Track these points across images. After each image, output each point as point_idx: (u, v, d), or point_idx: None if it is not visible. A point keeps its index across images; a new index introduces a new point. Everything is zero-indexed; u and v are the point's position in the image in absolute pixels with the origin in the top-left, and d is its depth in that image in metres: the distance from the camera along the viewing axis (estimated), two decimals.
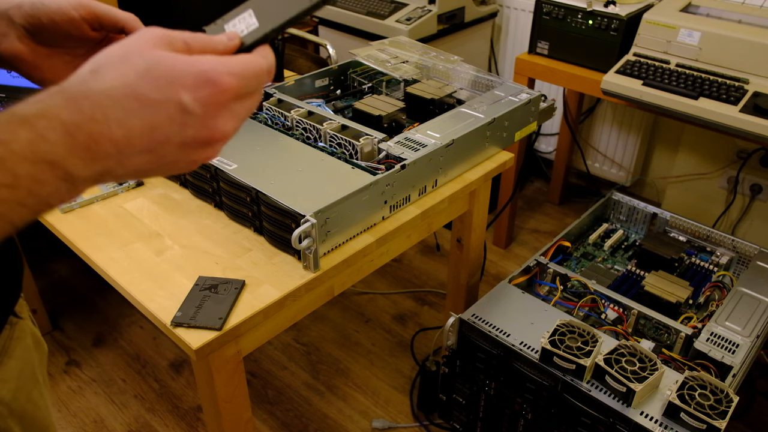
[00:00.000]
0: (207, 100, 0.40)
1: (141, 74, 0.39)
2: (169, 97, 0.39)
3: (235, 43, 0.46)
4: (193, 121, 0.40)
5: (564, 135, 2.54)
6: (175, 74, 0.40)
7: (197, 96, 0.40)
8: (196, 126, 0.41)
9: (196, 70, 0.40)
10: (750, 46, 1.63)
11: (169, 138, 0.40)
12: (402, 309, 2.15)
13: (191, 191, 1.23)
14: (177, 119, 0.40)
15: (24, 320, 0.74)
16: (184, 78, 0.40)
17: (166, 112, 0.39)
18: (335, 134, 1.21)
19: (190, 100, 0.40)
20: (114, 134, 0.38)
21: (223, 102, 0.41)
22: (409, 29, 2.15)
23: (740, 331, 1.33)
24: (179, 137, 0.41)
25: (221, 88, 0.41)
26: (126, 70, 0.39)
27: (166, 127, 0.40)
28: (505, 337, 1.32)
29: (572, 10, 1.89)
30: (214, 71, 0.40)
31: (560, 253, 1.66)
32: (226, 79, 0.41)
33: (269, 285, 1.01)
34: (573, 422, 1.25)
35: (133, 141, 0.39)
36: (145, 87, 0.39)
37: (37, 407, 0.76)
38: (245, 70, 0.42)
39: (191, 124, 0.40)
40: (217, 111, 0.41)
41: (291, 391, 1.85)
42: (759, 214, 2.19)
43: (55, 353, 1.96)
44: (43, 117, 0.37)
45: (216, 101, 0.41)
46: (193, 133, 0.41)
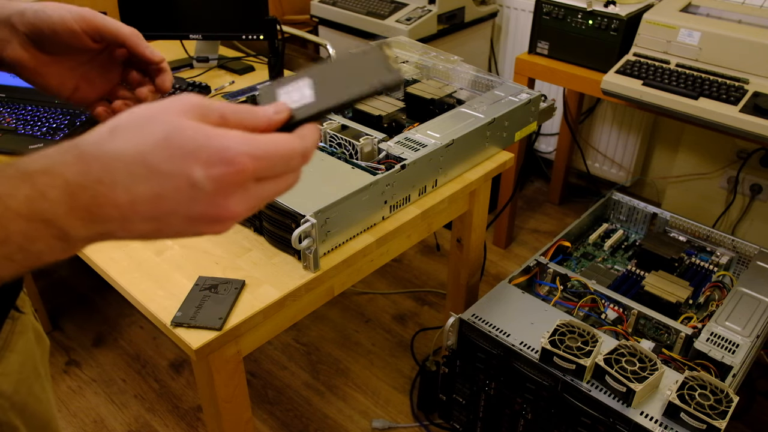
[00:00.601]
0: (219, 179, 0.38)
1: (157, 142, 0.38)
2: (181, 169, 0.37)
3: (282, 117, 0.43)
4: (202, 197, 0.38)
5: (564, 135, 2.54)
6: (192, 147, 0.38)
7: (210, 173, 0.38)
8: (204, 202, 0.38)
9: (215, 145, 0.38)
10: (750, 46, 1.63)
11: (176, 210, 0.39)
12: (402, 309, 2.15)
13: None
14: (185, 193, 0.38)
15: (26, 315, 0.75)
16: (199, 152, 0.38)
17: (174, 183, 0.38)
18: (335, 134, 1.21)
19: (202, 176, 0.37)
20: (118, 199, 0.37)
21: (237, 182, 0.39)
22: (409, 29, 2.15)
23: (740, 331, 1.33)
24: (186, 211, 0.39)
25: (236, 168, 0.38)
26: (143, 135, 0.38)
27: (173, 198, 0.38)
28: (505, 337, 1.32)
29: (572, 10, 1.89)
30: (232, 150, 0.38)
31: (560, 253, 1.66)
32: (243, 159, 0.38)
33: (269, 285, 1.01)
34: (573, 422, 1.25)
35: (137, 208, 0.38)
36: (157, 156, 0.37)
37: (39, 401, 0.76)
38: (270, 152, 0.40)
39: (200, 199, 0.38)
40: (229, 191, 0.39)
41: (291, 391, 1.85)
42: (759, 214, 2.19)
43: (55, 353, 1.96)
44: (47, 174, 0.36)
45: (230, 181, 0.38)
46: (201, 209, 0.39)
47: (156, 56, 0.58)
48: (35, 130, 1.42)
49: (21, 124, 1.44)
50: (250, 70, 1.86)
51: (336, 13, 2.36)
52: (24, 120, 1.46)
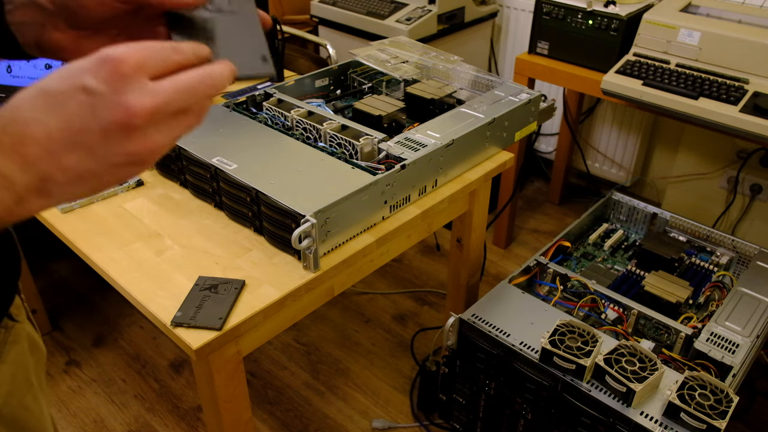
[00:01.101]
0: (109, 76, 0.40)
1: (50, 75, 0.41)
2: (72, 84, 0.40)
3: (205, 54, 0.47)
4: (102, 101, 0.40)
5: (564, 135, 2.54)
6: (77, 65, 0.40)
7: (99, 75, 0.40)
8: (106, 105, 0.40)
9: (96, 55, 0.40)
10: (750, 46, 1.63)
11: (87, 125, 0.40)
12: (402, 309, 2.15)
13: (191, 191, 1.23)
14: (86, 102, 0.40)
15: (20, 323, 0.73)
16: (83, 64, 0.40)
17: (74, 99, 0.40)
18: (335, 134, 1.21)
19: (93, 81, 0.39)
20: (34, 132, 0.39)
21: (126, 74, 0.40)
22: (409, 29, 2.15)
23: (740, 331, 1.33)
24: (96, 122, 0.40)
25: (118, 60, 0.40)
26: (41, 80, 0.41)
27: (79, 113, 0.40)
28: (505, 337, 1.32)
29: (572, 10, 1.89)
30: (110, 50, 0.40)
31: (560, 253, 1.66)
32: (121, 51, 0.40)
33: (269, 285, 1.01)
34: (573, 422, 1.25)
35: (54, 135, 0.39)
36: (51, 83, 0.40)
37: (30, 413, 0.74)
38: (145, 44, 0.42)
39: (101, 104, 0.40)
40: (123, 85, 0.40)
41: (291, 391, 1.85)
42: (759, 214, 2.19)
43: (55, 353, 1.96)
44: None
45: (117, 74, 0.40)
46: (107, 114, 0.40)
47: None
48: None
49: None
50: None
51: (336, 13, 2.36)
52: None
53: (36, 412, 0.75)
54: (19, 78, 1.57)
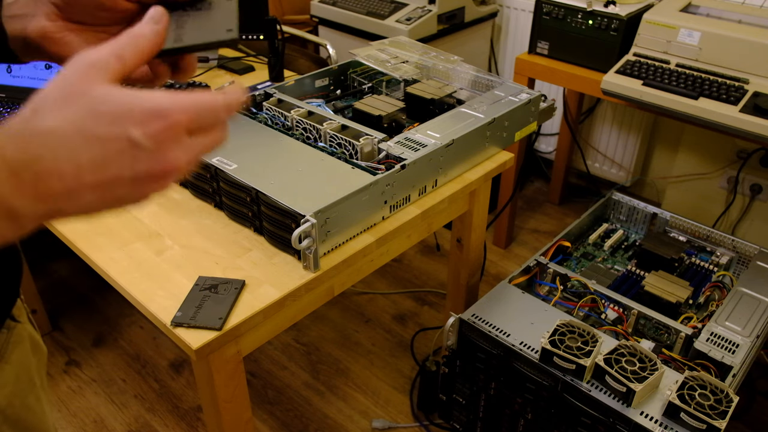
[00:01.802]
0: (158, 134, 0.39)
1: (87, 113, 0.38)
2: (118, 131, 0.38)
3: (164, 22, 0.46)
4: (145, 156, 0.39)
5: (564, 135, 2.54)
6: (123, 110, 0.39)
7: (147, 131, 0.39)
8: (147, 160, 0.39)
9: (146, 104, 0.39)
10: (750, 46, 1.63)
11: (121, 174, 0.39)
12: (402, 309, 2.15)
13: (191, 191, 1.23)
14: (128, 153, 0.39)
15: (22, 324, 0.73)
16: (131, 113, 0.39)
17: (115, 146, 0.38)
18: (335, 134, 1.21)
19: (140, 135, 0.39)
20: (63, 171, 0.38)
21: (173, 136, 0.40)
22: (409, 29, 2.15)
23: (740, 331, 1.33)
24: (131, 172, 0.39)
25: (171, 121, 0.40)
26: (70, 110, 0.38)
27: (117, 161, 0.39)
28: (505, 337, 1.32)
29: (572, 10, 1.89)
30: (162, 105, 0.39)
31: (560, 253, 1.66)
32: (175, 112, 0.40)
33: (269, 285, 1.01)
34: (573, 422, 1.25)
35: (83, 178, 0.38)
36: (92, 123, 0.38)
37: (33, 413, 0.75)
38: (197, 105, 0.41)
39: (143, 158, 0.39)
40: (168, 144, 0.40)
41: (291, 391, 1.85)
42: (759, 214, 2.19)
43: (55, 353, 1.96)
44: None
45: (167, 135, 0.40)
46: (145, 167, 0.40)
47: None
48: None
49: None
50: (250, 70, 1.86)
51: (336, 13, 2.36)
52: None
53: (39, 412, 0.76)
54: (19, 78, 1.57)
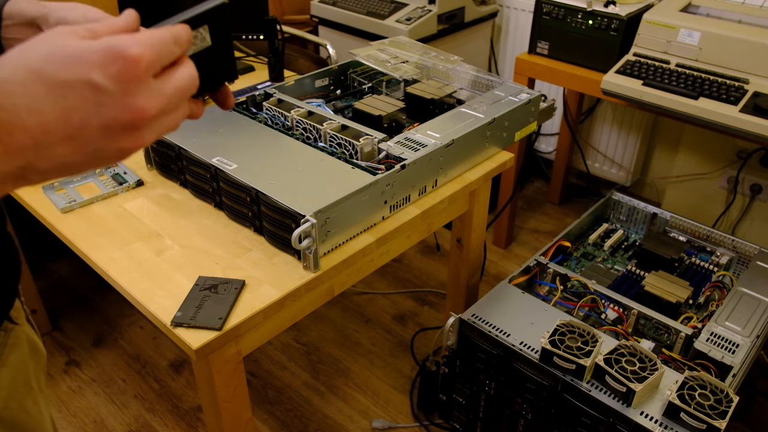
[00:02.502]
0: (120, 75, 0.38)
1: (44, 58, 0.37)
2: (78, 76, 0.37)
3: (134, 16, 0.44)
4: (110, 100, 0.38)
5: (564, 135, 2.54)
6: (81, 53, 0.37)
7: (108, 72, 0.37)
8: (113, 105, 0.38)
9: (102, 46, 0.38)
10: (750, 46, 1.63)
11: (87, 121, 0.38)
12: (402, 309, 2.15)
13: (191, 191, 1.23)
14: (91, 99, 0.37)
15: (20, 326, 0.72)
16: (90, 55, 0.37)
17: (78, 93, 0.37)
18: (335, 134, 1.21)
19: (102, 77, 0.37)
20: (26, 122, 0.36)
21: (138, 75, 0.38)
22: (409, 29, 2.15)
23: (740, 331, 1.33)
24: (98, 119, 0.38)
25: (131, 59, 0.38)
26: (27, 56, 0.37)
27: (82, 109, 0.37)
28: (505, 337, 1.32)
29: (572, 10, 1.89)
30: (121, 45, 0.38)
31: (560, 253, 1.66)
32: (134, 49, 0.38)
33: (269, 285, 1.01)
34: (573, 422, 1.25)
35: (49, 127, 0.37)
36: (50, 69, 0.37)
37: (30, 416, 0.74)
38: (154, 39, 0.40)
39: (108, 103, 0.38)
40: (134, 86, 0.38)
41: (291, 391, 1.85)
42: (759, 214, 2.19)
43: (55, 353, 1.96)
44: None
45: (130, 75, 0.38)
46: (113, 114, 0.38)
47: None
48: None
49: None
50: (250, 70, 1.86)
51: (336, 13, 2.36)
52: None
53: (36, 415, 0.75)
54: None
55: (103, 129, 0.38)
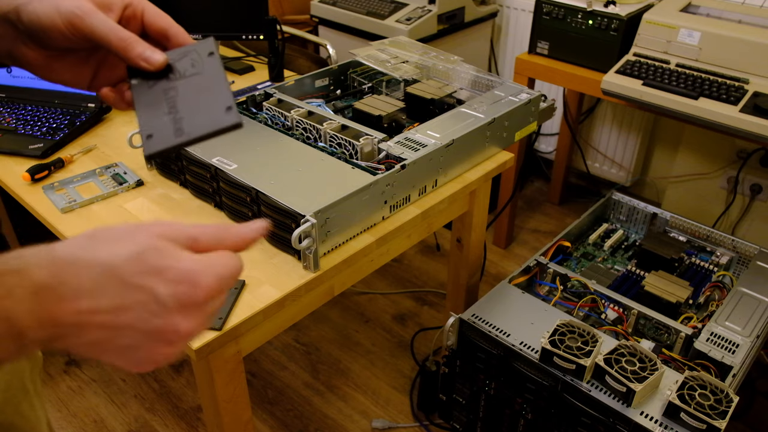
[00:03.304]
0: (182, 297, 0.40)
1: (130, 256, 0.39)
2: (147, 284, 0.39)
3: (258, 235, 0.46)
4: (163, 314, 0.40)
5: (564, 135, 2.54)
6: (162, 266, 0.39)
7: (174, 291, 0.39)
8: (163, 318, 0.40)
9: (183, 267, 0.40)
10: (750, 46, 1.63)
11: (134, 324, 0.39)
12: (402, 309, 2.15)
13: (191, 191, 1.23)
14: (148, 308, 0.39)
15: None
16: (168, 271, 0.40)
17: (139, 297, 0.39)
18: (335, 134, 1.21)
19: (166, 293, 0.39)
20: (80, 305, 0.38)
21: (197, 302, 0.41)
22: (409, 29, 2.15)
23: (740, 331, 1.33)
24: (144, 325, 0.39)
25: (200, 289, 0.40)
26: (118, 248, 0.40)
27: (135, 311, 0.39)
28: (505, 337, 1.32)
29: (572, 10, 1.89)
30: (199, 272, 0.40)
31: (560, 253, 1.66)
32: (209, 280, 0.40)
33: (269, 285, 1.01)
34: (573, 422, 1.25)
35: (97, 317, 0.38)
36: (127, 269, 0.39)
37: (27, 420, 0.74)
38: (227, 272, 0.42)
39: (160, 315, 0.39)
40: (189, 310, 0.40)
41: (291, 391, 1.85)
42: (759, 214, 2.19)
43: (55, 353, 1.96)
44: (17, 274, 0.37)
45: (191, 300, 0.40)
46: (159, 325, 0.40)
47: (154, 61, 0.51)
48: (35, 130, 1.42)
49: (21, 124, 1.44)
50: (250, 70, 1.86)
51: (336, 13, 2.36)
52: (24, 120, 1.46)
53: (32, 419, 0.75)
54: (20, 78, 1.57)
55: (143, 334, 0.40)
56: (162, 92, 0.50)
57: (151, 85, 0.51)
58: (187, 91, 0.50)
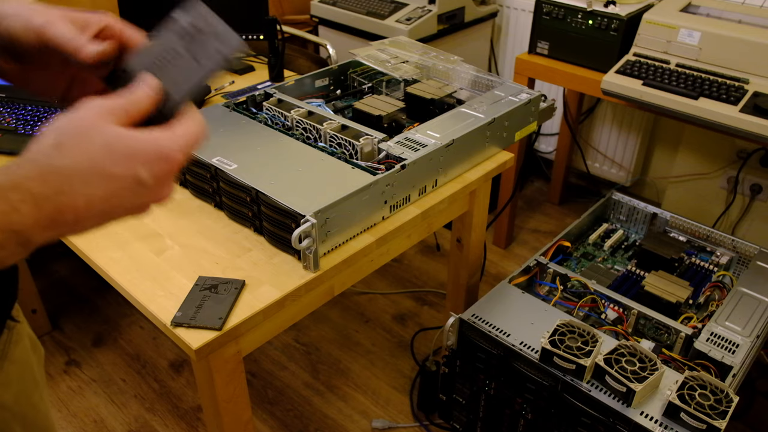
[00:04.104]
0: (160, 173, 0.46)
1: (102, 149, 0.44)
2: (128, 170, 0.44)
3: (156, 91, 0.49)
4: (146, 191, 0.46)
5: (564, 135, 2.54)
6: (135, 151, 0.44)
7: (153, 170, 0.45)
8: (147, 195, 0.46)
9: (154, 147, 0.45)
10: (750, 46, 1.63)
11: (122, 204, 0.45)
12: (402, 309, 2.15)
13: (191, 191, 1.23)
14: (132, 188, 0.45)
15: (21, 323, 0.74)
16: (142, 154, 0.45)
17: (124, 183, 0.44)
18: (335, 134, 1.21)
19: (146, 174, 0.45)
20: (77, 205, 0.43)
21: (173, 173, 0.47)
22: (409, 29, 2.15)
23: (740, 331, 1.33)
24: (131, 204, 0.46)
25: (174, 163, 0.46)
26: (89, 146, 0.43)
27: (122, 194, 0.45)
28: (505, 337, 1.32)
29: (572, 10, 1.89)
30: (168, 149, 0.46)
31: (560, 253, 1.66)
32: (178, 155, 0.46)
33: (269, 285, 1.01)
34: (573, 422, 1.25)
35: (93, 208, 0.44)
36: (108, 162, 0.44)
37: (37, 410, 0.75)
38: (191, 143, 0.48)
39: (144, 193, 0.46)
40: (167, 180, 0.47)
41: (291, 391, 1.85)
42: (759, 214, 2.19)
43: (55, 353, 1.96)
44: (16, 189, 0.41)
45: (167, 174, 0.46)
46: (144, 200, 0.46)
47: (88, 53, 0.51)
48: (35, 130, 1.42)
49: (21, 124, 1.44)
50: (250, 70, 1.86)
51: (336, 13, 2.36)
52: (24, 120, 1.46)
53: (43, 410, 0.77)
54: None
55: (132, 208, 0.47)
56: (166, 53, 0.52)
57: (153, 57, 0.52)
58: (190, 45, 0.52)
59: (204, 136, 0.49)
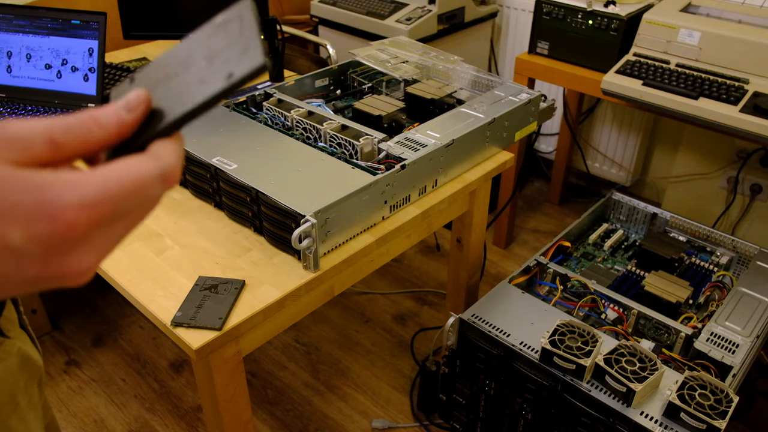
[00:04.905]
0: (45, 239, 0.30)
1: None
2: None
3: (138, 113, 0.34)
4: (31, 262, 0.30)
5: (564, 135, 2.54)
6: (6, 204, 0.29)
7: (31, 234, 0.29)
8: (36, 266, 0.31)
9: (32, 200, 0.29)
10: (750, 46, 1.63)
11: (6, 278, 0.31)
12: (402, 309, 2.15)
13: (191, 191, 1.23)
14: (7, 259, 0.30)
15: (10, 339, 0.66)
16: (15, 209, 0.29)
17: None
18: (335, 134, 1.21)
19: (21, 239, 0.29)
20: None
21: (71, 239, 0.30)
22: (409, 29, 2.15)
23: (740, 331, 1.33)
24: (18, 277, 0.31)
25: (64, 225, 0.30)
26: None
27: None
28: (505, 337, 1.32)
29: (572, 10, 1.89)
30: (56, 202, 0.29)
31: (560, 253, 1.66)
32: (71, 213, 0.30)
33: (269, 285, 1.01)
34: (573, 422, 1.25)
35: None
36: None
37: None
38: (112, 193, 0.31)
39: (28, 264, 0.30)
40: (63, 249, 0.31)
41: (291, 391, 1.85)
42: (759, 214, 2.19)
43: (55, 353, 1.96)
44: None
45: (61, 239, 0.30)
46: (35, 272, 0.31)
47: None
48: None
49: None
50: None
51: (336, 13, 2.36)
52: None
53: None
54: (19, 78, 1.57)
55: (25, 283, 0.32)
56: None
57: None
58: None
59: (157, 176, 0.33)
